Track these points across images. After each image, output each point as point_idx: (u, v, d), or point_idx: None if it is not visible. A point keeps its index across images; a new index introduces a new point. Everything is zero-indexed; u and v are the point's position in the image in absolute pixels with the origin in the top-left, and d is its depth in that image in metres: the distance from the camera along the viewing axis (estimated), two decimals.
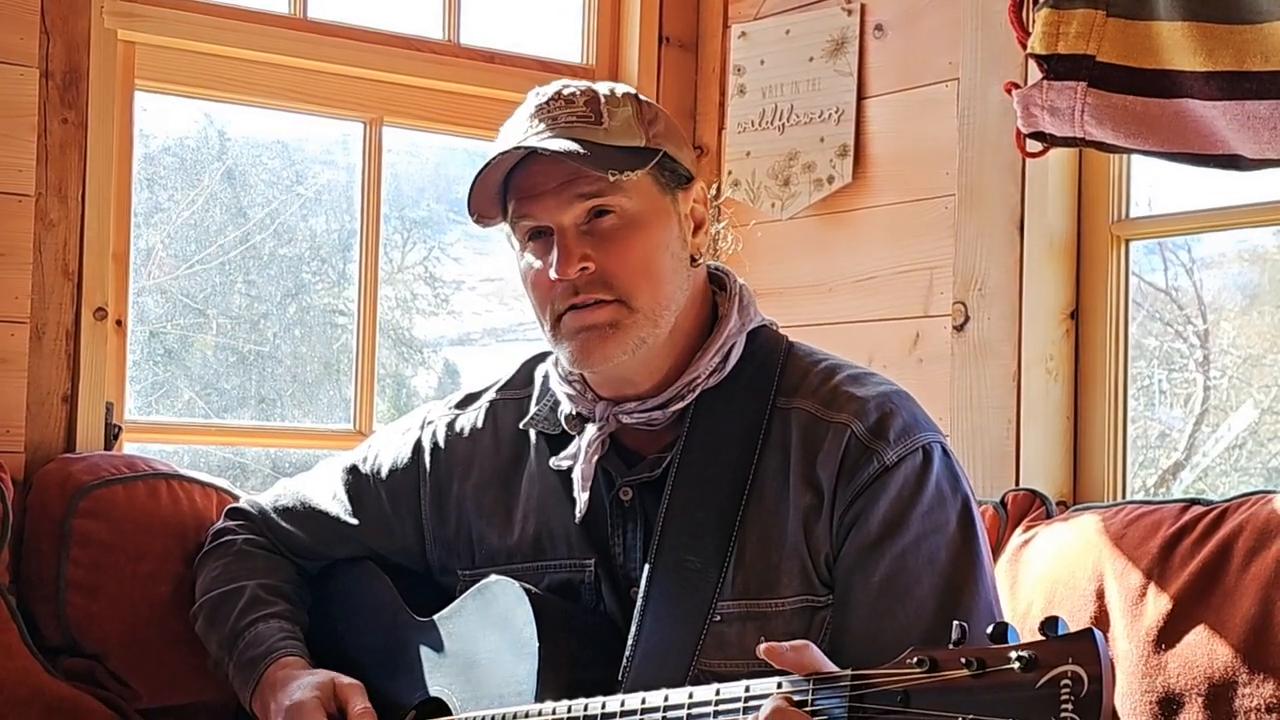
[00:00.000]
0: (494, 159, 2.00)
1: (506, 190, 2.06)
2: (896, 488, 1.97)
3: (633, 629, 2.01)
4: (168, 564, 2.59)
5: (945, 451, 2.04)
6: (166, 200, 3.27)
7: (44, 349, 2.77)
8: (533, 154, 1.99)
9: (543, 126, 2.02)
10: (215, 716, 2.46)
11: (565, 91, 2.05)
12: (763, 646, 1.67)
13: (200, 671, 2.42)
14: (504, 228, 2.10)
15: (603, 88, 2.08)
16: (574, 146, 1.96)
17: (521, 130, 2.04)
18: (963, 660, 1.49)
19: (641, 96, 2.11)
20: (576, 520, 2.10)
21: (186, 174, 3.29)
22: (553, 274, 1.99)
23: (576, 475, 2.09)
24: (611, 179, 1.98)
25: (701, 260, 2.11)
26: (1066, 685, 1.42)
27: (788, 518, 2.00)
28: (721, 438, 2.05)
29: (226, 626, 2.32)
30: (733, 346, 2.09)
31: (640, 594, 2.02)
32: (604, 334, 2.00)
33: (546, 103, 2.05)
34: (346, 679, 2.15)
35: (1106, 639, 1.67)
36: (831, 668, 1.65)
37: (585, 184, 1.99)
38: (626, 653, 2.00)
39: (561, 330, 2.03)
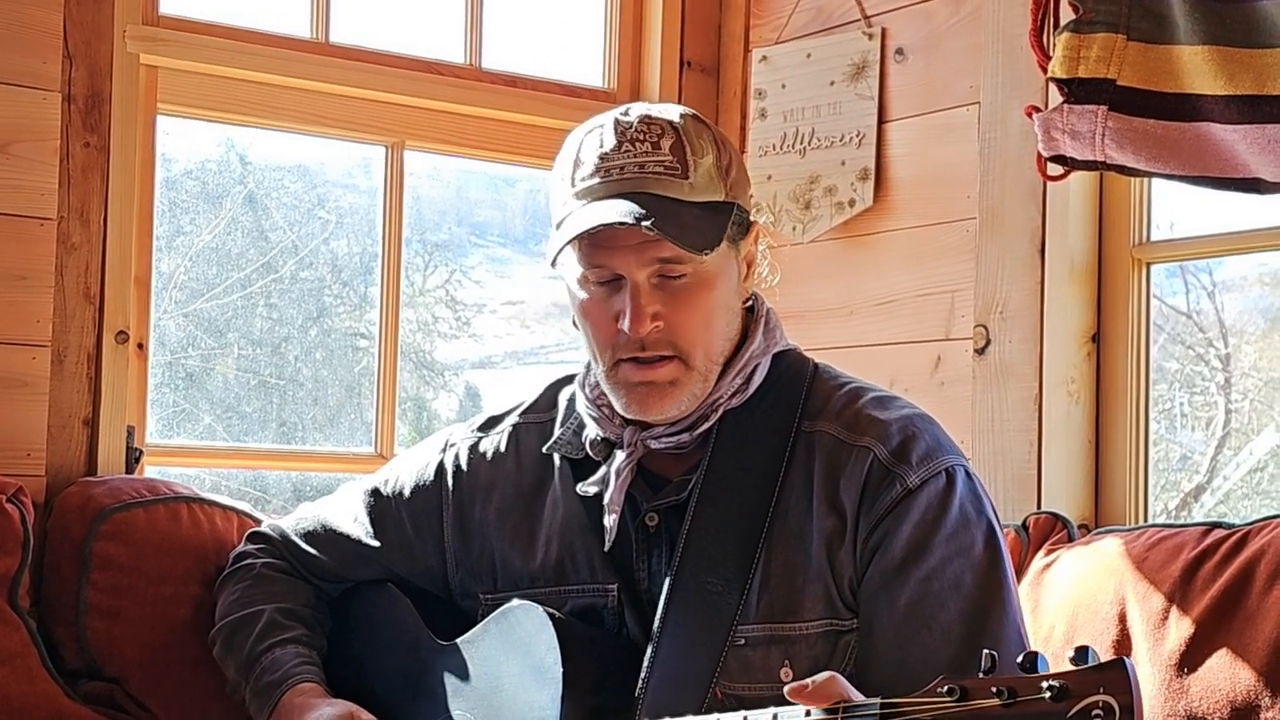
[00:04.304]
0: (595, 228, 1.93)
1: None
2: (920, 512, 1.97)
3: (649, 651, 2.00)
4: (188, 587, 2.59)
5: (969, 475, 2.04)
6: (188, 224, 3.27)
7: (65, 372, 2.77)
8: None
9: (623, 170, 1.98)
10: None
11: (652, 127, 2.00)
12: (788, 688, 1.66)
13: (220, 695, 2.41)
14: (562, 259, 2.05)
15: (682, 118, 2.03)
16: (662, 210, 1.93)
17: (602, 163, 1.99)
18: (993, 689, 1.48)
19: (717, 134, 2.06)
20: (605, 548, 2.09)
21: (208, 198, 3.29)
22: (624, 327, 1.98)
23: (606, 502, 2.08)
24: (703, 259, 1.97)
25: (747, 302, 2.12)
26: (1098, 715, 1.42)
27: (811, 541, 2.00)
28: (746, 459, 2.05)
29: (243, 651, 2.32)
30: (756, 368, 2.09)
31: (658, 616, 2.02)
32: (663, 391, 2.01)
33: (631, 141, 2.00)
34: (366, 714, 2.14)
35: None
36: (859, 697, 1.64)
37: (668, 249, 1.96)
38: (642, 675, 1.99)
39: (619, 377, 2.02)
